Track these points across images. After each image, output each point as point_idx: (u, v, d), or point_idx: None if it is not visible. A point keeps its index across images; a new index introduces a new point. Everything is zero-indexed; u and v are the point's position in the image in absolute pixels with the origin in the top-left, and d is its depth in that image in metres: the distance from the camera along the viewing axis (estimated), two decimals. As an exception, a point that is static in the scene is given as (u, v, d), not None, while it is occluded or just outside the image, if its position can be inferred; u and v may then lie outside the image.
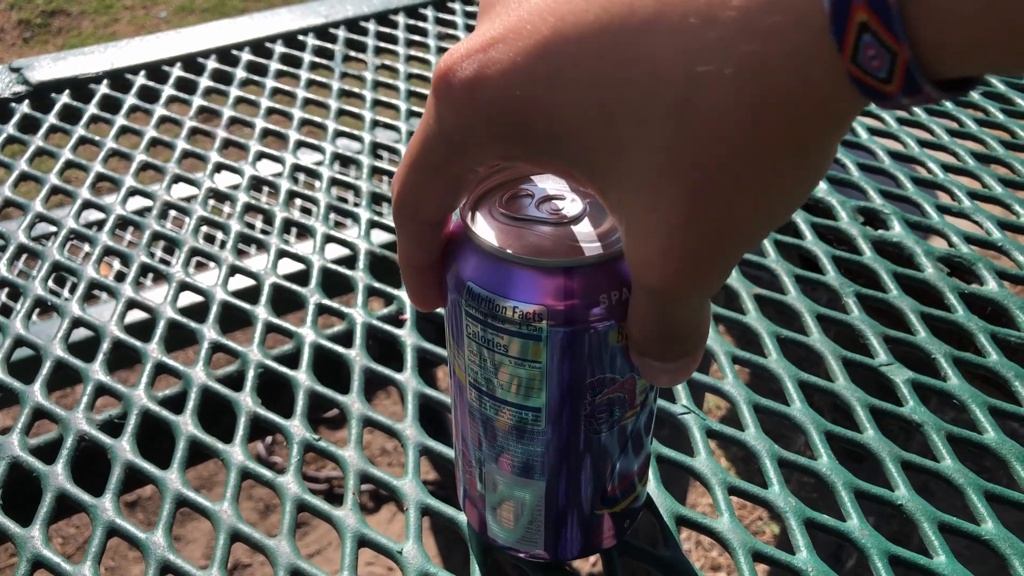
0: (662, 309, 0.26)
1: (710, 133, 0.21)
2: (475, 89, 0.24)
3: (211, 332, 0.51)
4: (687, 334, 0.27)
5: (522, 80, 0.23)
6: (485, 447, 0.33)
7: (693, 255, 0.23)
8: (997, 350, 0.47)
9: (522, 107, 0.24)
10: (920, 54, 0.19)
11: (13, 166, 0.67)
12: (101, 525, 0.41)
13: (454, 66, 0.24)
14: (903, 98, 0.20)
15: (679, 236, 0.23)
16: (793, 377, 0.46)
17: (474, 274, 0.29)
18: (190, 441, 0.44)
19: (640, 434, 0.33)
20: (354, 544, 0.39)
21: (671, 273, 0.24)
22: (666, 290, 0.24)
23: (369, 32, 0.84)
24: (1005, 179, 0.61)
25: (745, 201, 0.22)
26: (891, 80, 0.19)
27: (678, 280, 0.24)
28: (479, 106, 0.24)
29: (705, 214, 0.22)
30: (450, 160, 0.26)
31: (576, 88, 0.23)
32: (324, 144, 0.68)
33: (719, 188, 0.22)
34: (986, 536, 0.38)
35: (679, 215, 0.22)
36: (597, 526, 0.35)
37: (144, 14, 3.03)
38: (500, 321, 0.28)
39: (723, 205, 0.22)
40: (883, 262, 0.54)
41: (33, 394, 0.47)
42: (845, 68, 0.20)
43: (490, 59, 0.24)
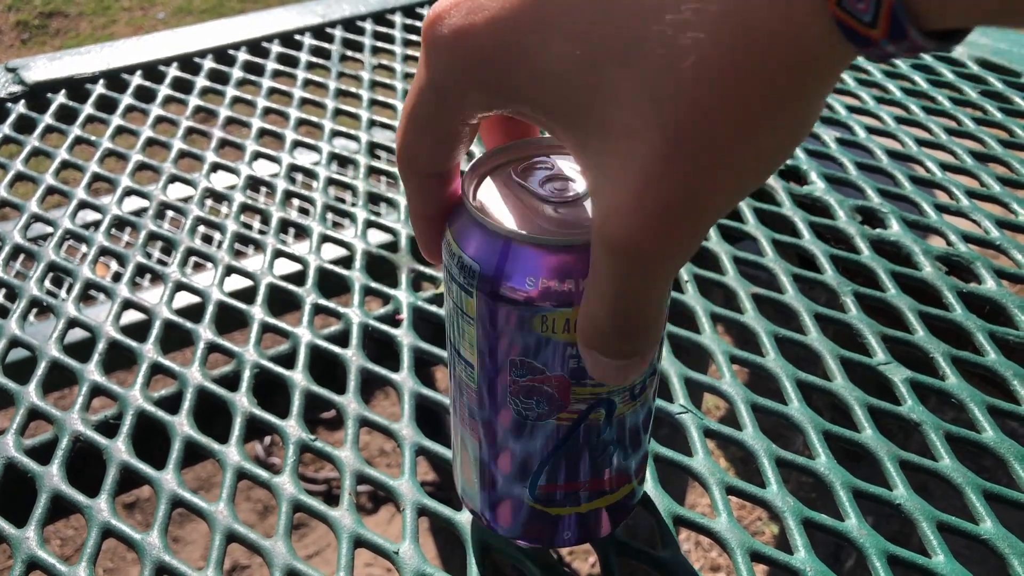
0: (622, 280, 0.24)
1: (692, 74, 0.21)
2: (461, 37, 0.24)
3: (207, 332, 0.51)
4: (639, 328, 0.26)
5: (508, 27, 0.23)
6: (455, 404, 0.34)
7: (668, 205, 0.22)
8: (995, 349, 0.47)
9: (506, 54, 0.24)
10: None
11: (9, 166, 0.67)
12: (96, 526, 0.41)
13: (443, 14, 0.25)
14: (888, 45, 0.19)
15: (655, 182, 0.22)
16: (791, 376, 0.46)
17: (452, 224, 0.30)
18: (186, 442, 0.44)
19: (580, 440, 0.32)
20: (350, 545, 0.39)
21: (641, 224, 0.22)
22: (633, 247, 0.23)
23: (366, 32, 0.84)
24: (1003, 178, 0.61)
25: (727, 148, 0.21)
26: (876, 24, 0.19)
27: (648, 234, 0.22)
28: (464, 54, 0.24)
29: (685, 159, 0.21)
30: (440, 110, 0.26)
31: (561, 33, 0.23)
32: (321, 144, 0.68)
33: (700, 132, 0.21)
34: (985, 535, 0.38)
35: (657, 160, 0.22)
36: (542, 517, 0.34)
37: (142, 15, 3.03)
38: (454, 268, 0.29)
39: (704, 151, 0.21)
40: (881, 261, 0.54)
41: (28, 395, 0.47)
42: (829, 11, 0.19)
43: (477, 5, 0.24)
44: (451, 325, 0.31)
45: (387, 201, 0.62)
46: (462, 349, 0.31)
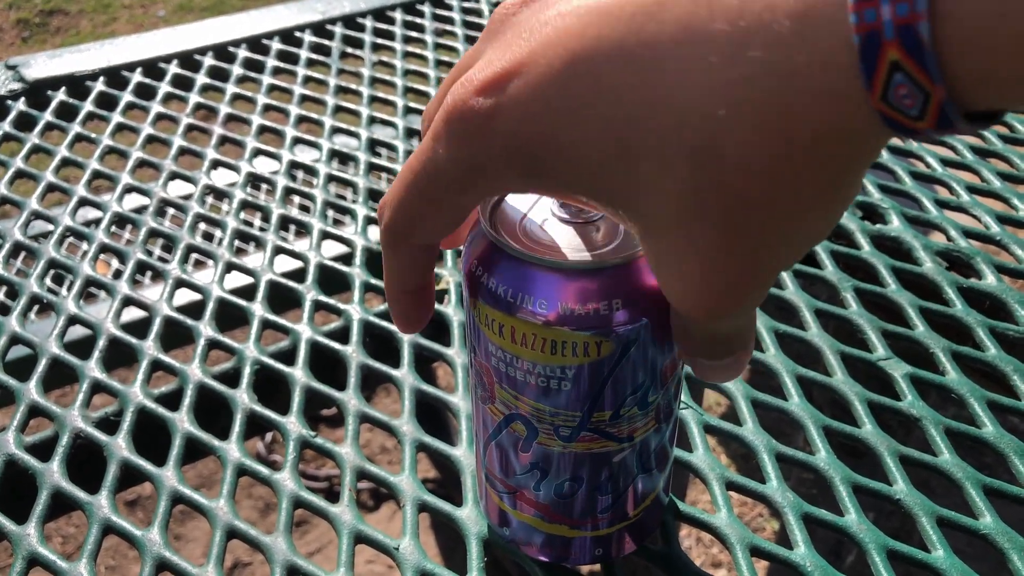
0: (704, 328, 0.27)
1: (736, 175, 0.21)
2: (492, 124, 0.23)
3: (208, 329, 0.51)
4: (732, 340, 0.27)
5: (539, 114, 0.23)
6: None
7: (730, 285, 0.23)
8: (996, 344, 0.47)
9: (539, 142, 0.23)
10: (955, 91, 0.18)
11: (9, 164, 0.67)
12: (97, 523, 0.41)
13: (468, 99, 0.24)
14: (933, 133, 0.19)
15: (714, 270, 0.23)
16: (791, 372, 0.46)
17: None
18: (186, 438, 0.44)
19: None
20: (351, 541, 0.39)
21: (713, 303, 0.24)
22: (709, 317, 0.25)
23: (366, 28, 0.84)
24: (1004, 173, 0.61)
25: (776, 234, 0.22)
26: (923, 118, 0.19)
27: (717, 309, 0.24)
28: (495, 140, 0.24)
29: (737, 248, 0.22)
30: (465, 189, 0.25)
31: (594, 126, 0.22)
32: (321, 141, 0.68)
33: (750, 224, 0.22)
34: (984, 530, 0.38)
35: (712, 251, 0.22)
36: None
37: (143, 13, 3.03)
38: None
39: (755, 238, 0.22)
40: (881, 256, 0.54)
41: (29, 392, 0.47)
42: (873, 106, 0.19)
43: (506, 94, 0.23)
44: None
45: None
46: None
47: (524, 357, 0.29)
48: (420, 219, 0.27)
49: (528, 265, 0.28)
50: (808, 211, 0.22)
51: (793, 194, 0.21)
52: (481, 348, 0.30)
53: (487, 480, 0.35)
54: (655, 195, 0.22)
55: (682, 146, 0.21)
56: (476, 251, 0.29)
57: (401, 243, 0.28)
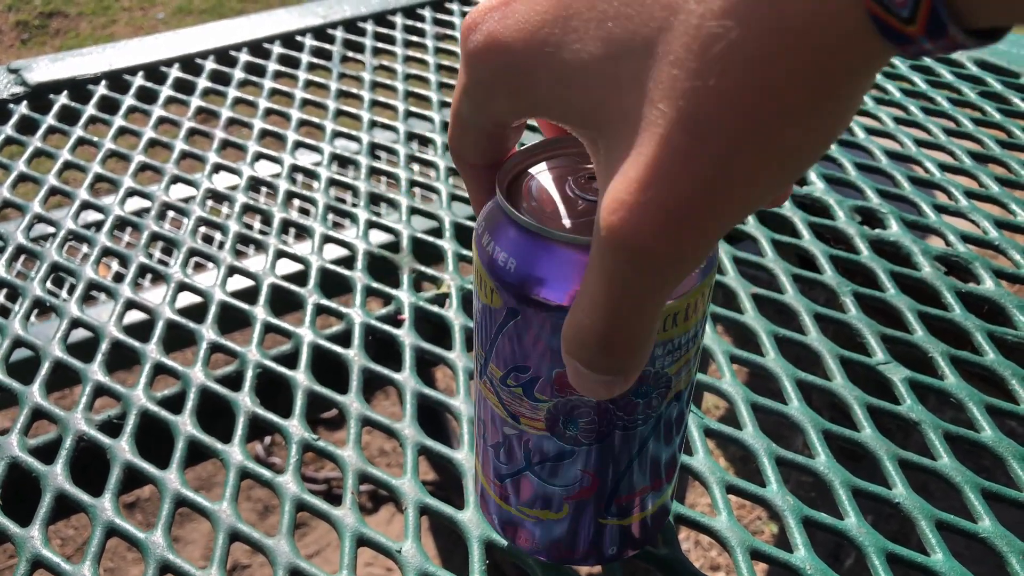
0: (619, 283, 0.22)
1: (719, 63, 0.19)
2: (492, 42, 0.24)
3: (210, 333, 0.51)
4: (628, 341, 0.23)
5: (536, 29, 0.23)
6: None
7: (681, 203, 0.20)
8: (994, 348, 0.47)
9: (530, 57, 0.24)
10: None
11: (11, 167, 0.67)
12: (100, 525, 0.41)
13: (477, 19, 0.25)
14: (926, 42, 0.18)
15: (669, 176, 0.20)
16: (791, 376, 0.46)
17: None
18: (189, 441, 0.45)
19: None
20: (353, 544, 0.39)
21: (649, 221, 0.20)
22: (636, 244, 0.21)
23: (367, 33, 0.84)
24: (1002, 178, 0.61)
25: (750, 142, 0.20)
26: (914, 20, 0.18)
27: (654, 232, 0.20)
28: (493, 58, 0.25)
29: (705, 154, 0.20)
30: (474, 114, 0.27)
31: (584, 30, 0.22)
32: (322, 145, 0.68)
33: (725, 126, 0.19)
34: (983, 534, 0.38)
35: (674, 152, 0.20)
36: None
37: (142, 15, 3.03)
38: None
39: (727, 147, 0.20)
40: (880, 261, 0.54)
41: (32, 395, 0.48)
42: (865, 4, 0.18)
43: (510, 10, 0.24)
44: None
45: (388, 201, 0.62)
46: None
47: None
48: (460, 140, 0.28)
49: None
50: (786, 122, 0.20)
51: (773, 95, 0.19)
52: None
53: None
54: (630, 93, 0.21)
55: (667, 41, 0.20)
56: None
57: (460, 163, 0.30)
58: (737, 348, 0.48)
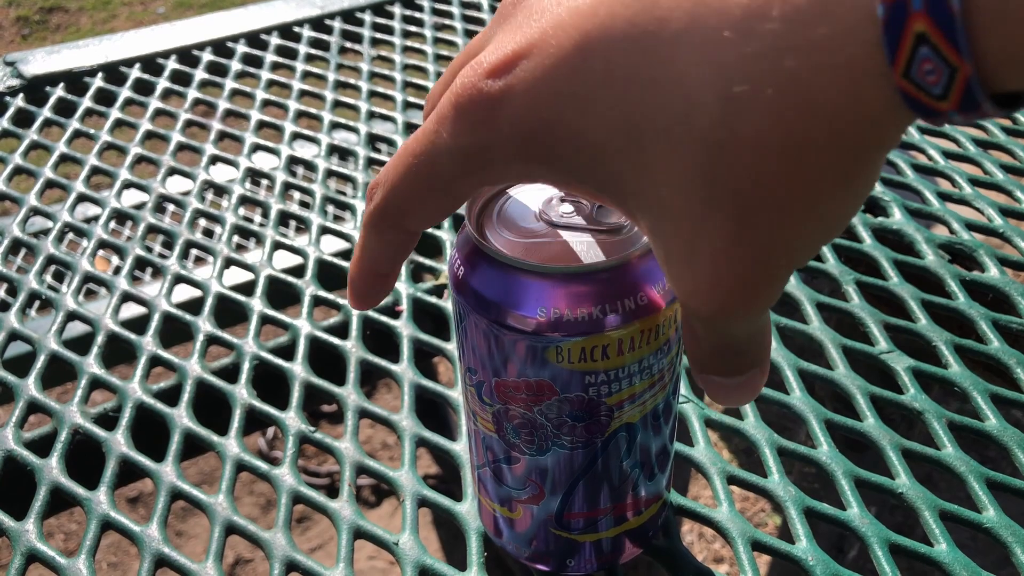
0: (716, 331, 0.25)
1: (751, 158, 0.20)
2: (499, 107, 0.23)
3: (206, 325, 0.51)
4: (747, 347, 0.26)
5: (548, 99, 0.22)
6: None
7: (743, 280, 0.22)
8: (998, 337, 0.47)
9: (547, 127, 0.23)
10: (982, 68, 0.17)
11: (8, 160, 0.67)
12: (96, 518, 0.41)
13: (478, 82, 0.23)
14: (956, 115, 0.18)
15: (727, 263, 0.22)
16: (793, 366, 0.46)
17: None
18: (185, 434, 0.44)
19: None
20: (350, 536, 0.39)
21: (724, 300, 0.22)
22: (720, 317, 0.23)
23: (365, 23, 0.84)
24: (1006, 165, 0.61)
25: (793, 223, 0.21)
26: (947, 97, 0.18)
27: (730, 305, 0.23)
28: (503, 125, 0.23)
29: (752, 239, 0.21)
30: (461, 178, 0.25)
31: (604, 109, 0.22)
32: (320, 136, 0.68)
33: (765, 212, 0.21)
34: (987, 524, 0.38)
35: (725, 242, 0.21)
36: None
37: (142, 10, 3.03)
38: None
39: (770, 229, 0.21)
40: (883, 249, 0.53)
41: (28, 388, 0.47)
42: (895, 83, 0.18)
43: (515, 76, 0.23)
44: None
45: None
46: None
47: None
48: (416, 204, 0.26)
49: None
50: (825, 199, 0.21)
51: (810, 179, 0.20)
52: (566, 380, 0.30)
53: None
54: (664, 181, 0.21)
55: (694, 127, 0.20)
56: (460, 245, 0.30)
57: (388, 227, 0.27)
58: (738, 338, 0.48)
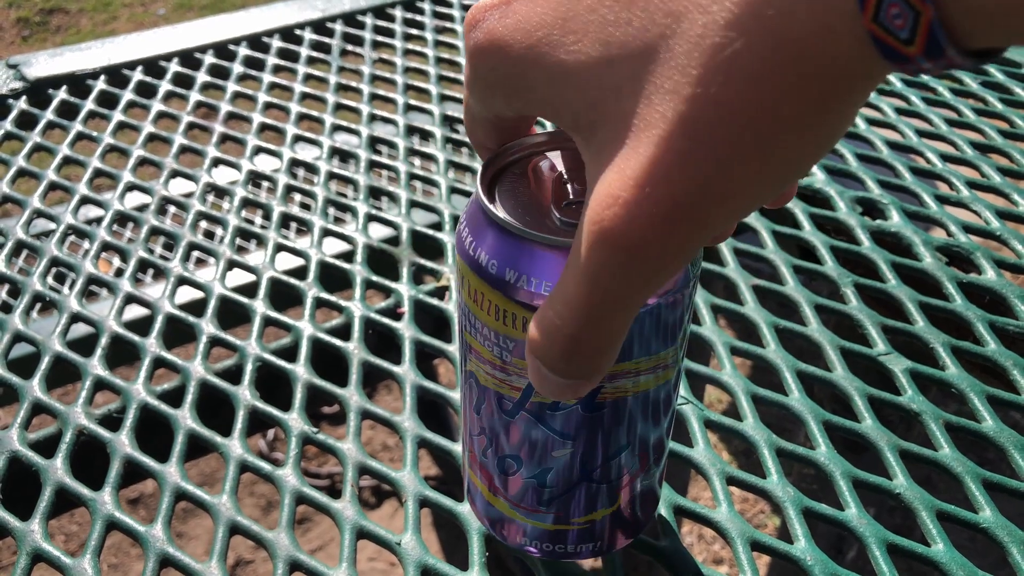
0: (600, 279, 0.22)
1: (721, 73, 0.20)
2: (492, 39, 0.25)
3: (209, 327, 0.51)
4: (595, 346, 0.23)
5: (536, 28, 0.24)
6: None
7: (677, 202, 0.20)
8: (995, 339, 0.47)
9: (529, 56, 0.24)
10: (946, 16, 0.18)
11: (11, 162, 0.67)
12: (100, 519, 0.41)
13: (478, 16, 0.25)
14: (924, 61, 0.19)
15: (666, 176, 0.20)
16: (792, 367, 0.46)
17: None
18: (189, 435, 0.44)
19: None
20: (352, 536, 0.39)
21: (643, 217, 0.20)
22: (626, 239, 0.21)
23: (367, 26, 0.84)
24: (1004, 168, 0.61)
25: (748, 150, 0.20)
26: (913, 41, 0.19)
27: (647, 229, 0.21)
28: (492, 56, 0.25)
29: (703, 158, 0.20)
30: (479, 107, 0.27)
31: (587, 33, 0.22)
32: (322, 138, 0.68)
33: (723, 133, 0.20)
34: (984, 524, 0.38)
35: (671, 153, 0.20)
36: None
37: (143, 11, 3.03)
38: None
39: (723, 151, 0.20)
40: (881, 252, 0.54)
41: (32, 389, 0.48)
42: (865, 25, 0.19)
43: (511, 8, 0.24)
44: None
45: (388, 195, 0.62)
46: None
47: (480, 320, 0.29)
48: (472, 130, 0.29)
49: (482, 212, 0.28)
50: (784, 134, 0.20)
51: (773, 107, 0.20)
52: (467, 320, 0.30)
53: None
54: (629, 97, 0.21)
55: (668, 48, 0.21)
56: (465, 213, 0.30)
57: (477, 146, 0.30)
58: (738, 340, 0.48)
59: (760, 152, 0.20)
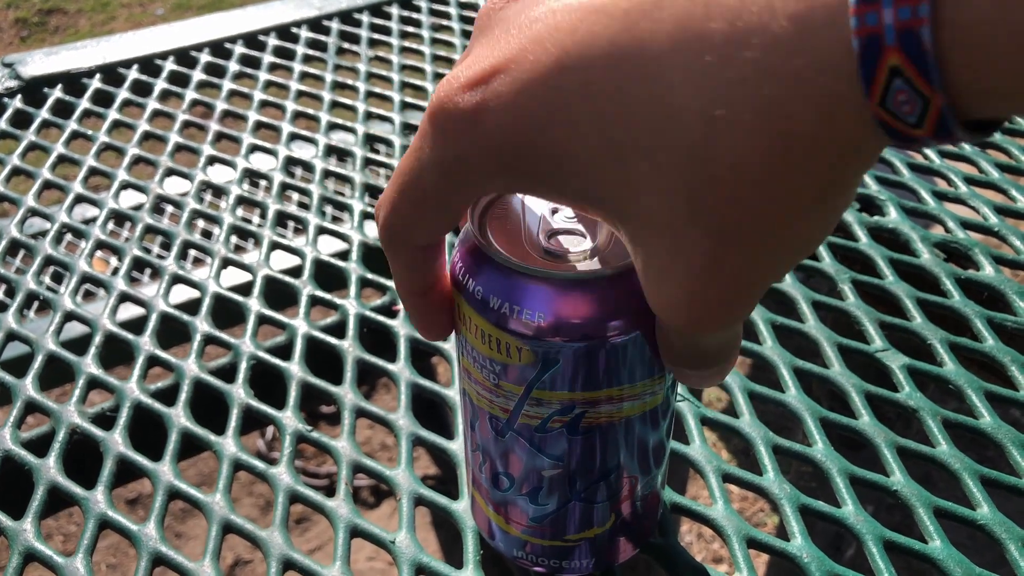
0: (691, 341, 0.26)
1: (730, 178, 0.20)
2: (477, 121, 0.23)
3: (204, 325, 0.51)
4: (717, 353, 0.27)
5: (526, 113, 0.22)
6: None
7: (717, 299, 0.23)
8: (993, 335, 0.47)
9: (527, 141, 0.23)
10: (955, 100, 0.18)
11: (6, 161, 0.67)
12: (93, 518, 0.41)
13: (454, 96, 0.23)
14: (931, 141, 0.19)
15: (703, 281, 0.22)
16: (789, 364, 0.46)
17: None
18: (183, 434, 0.44)
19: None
20: (347, 535, 0.39)
21: (697, 316, 0.24)
22: (691, 330, 0.25)
23: (363, 24, 0.84)
24: (1002, 164, 0.61)
25: (770, 242, 0.22)
26: (922, 125, 0.19)
27: (705, 321, 0.24)
28: (481, 139, 0.23)
29: (729, 258, 0.22)
30: (446, 191, 0.25)
31: (584, 124, 0.22)
32: (318, 137, 0.68)
33: (743, 231, 0.21)
34: (981, 521, 0.38)
35: (703, 259, 0.22)
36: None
37: (141, 11, 3.03)
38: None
39: (747, 248, 0.22)
40: (879, 248, 0.53)
41: (25, 388, 0.47)
42: (872, 112, 0.19)
43: (492, 90, 0.23)
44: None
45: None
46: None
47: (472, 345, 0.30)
48: (412, 220, 0.26)
49: (486, 257, 0.28)
50: (801, 218, 0.21)
51: (787, 199, 0.21)
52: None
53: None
54: (646, 195, 0.22)
55: (676, 146, 0.21)
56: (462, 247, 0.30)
57: (398, 246, 0.27)
58: (734, 336, 0.48)
59: (784, 238, 0.22)
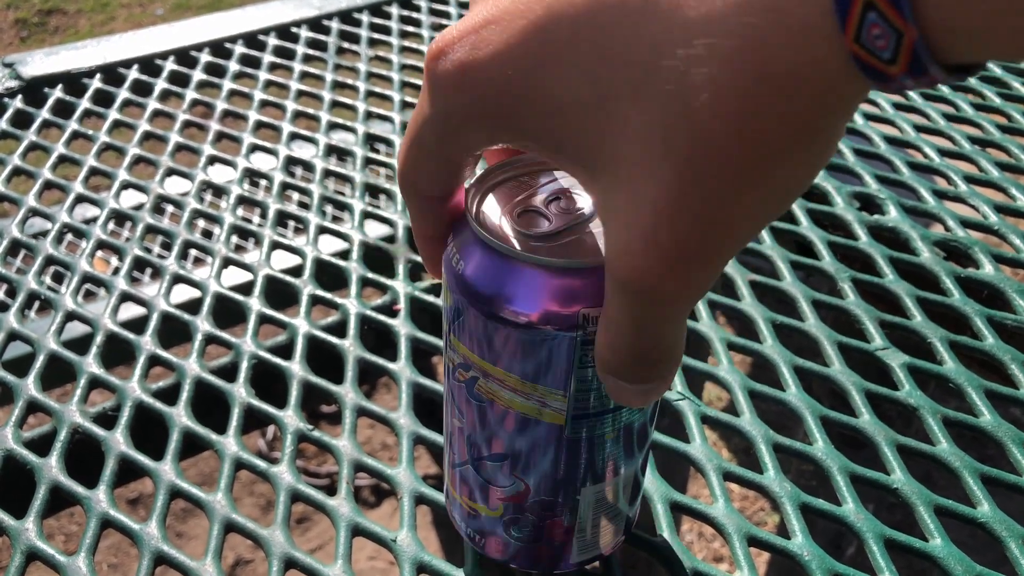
0: (640, 315, 0.24)
1: (707, 109, 0.20)
2: (466, 71, 0.24)
3: (205, 325, 0.51)
4: (660, 356, 0.25)
5: (514, 60, 0.23)
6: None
7: (682, 244, 0.21)
8: (993, 333, 0.47)
9: (512, 89, 0.23)
10: (927, 36, 0.18)
11: (7, 161, 0.67)
12: (95, 517, 0.41)
13: (445, 48, 0.24)
14: (907, 80, 0.19)
15: (668, 221, 0.21)
16: (789, 363, 0.46)
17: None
18: (184, 433, 0.44)
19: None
20: (348, 533, 0.39)
21: (655, 265, 0.22)
22: (646, 287, 0.22)
23: (363, 24, 0.84)
24: (1002, 163, 0.61)
25: (742, 184, 0.21)
26: (895, 61, 0.19)
27: (663, 274, 0.22)
28: (468, 88, 0.24)
29: (699, 196, 0.21)
30: (443, 140, 0.26)
31: (570, 68, 0.22)
32: (318, 136, 0.68)
33: (715, 169, 0.21)
34: (982, 519, 0.38)
35: (669, 197, 0.21)
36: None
37: (141, 12, 3.03)
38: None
39: (719, 187, 0.21)
40: (879, 247, 0.54)
41: (27, 387, 0.47)
42: (847, 47, 0.19)
43: (482, 40, 0.23)
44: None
45: (385, 193, 0.62)
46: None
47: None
48: (417, 170, 0.27)
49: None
50: (775, 163, 0.21)
51: (760, 140, 0.20)
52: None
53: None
54: (622, 135, 0.22)
55: (656, 82, 0.21)
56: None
57: (410, 194, 0.28)
58: (735, 336, 0.48)
59: (753, 184, 0.21)
